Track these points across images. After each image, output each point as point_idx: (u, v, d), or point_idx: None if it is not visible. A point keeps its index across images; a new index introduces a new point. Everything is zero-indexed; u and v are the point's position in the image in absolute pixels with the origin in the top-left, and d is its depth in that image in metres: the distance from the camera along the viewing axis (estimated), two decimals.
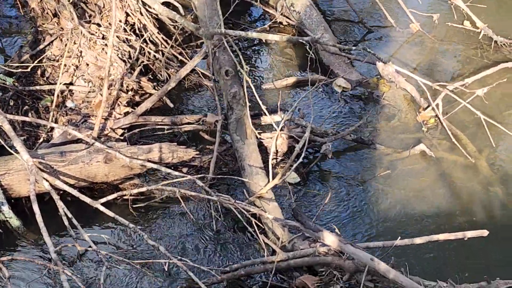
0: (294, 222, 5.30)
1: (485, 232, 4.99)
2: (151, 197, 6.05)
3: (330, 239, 5.01)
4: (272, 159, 5.96)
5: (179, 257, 5.26)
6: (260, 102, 6.30)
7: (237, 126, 6.26)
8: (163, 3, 7.23)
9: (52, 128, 6.46)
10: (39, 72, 7.10)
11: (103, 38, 7.09)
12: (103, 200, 5.59)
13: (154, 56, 7.48)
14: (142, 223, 5.91)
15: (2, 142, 5.79)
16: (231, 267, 5.36)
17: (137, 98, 7.16)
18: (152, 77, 7.47)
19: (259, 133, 6.45)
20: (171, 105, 7.22)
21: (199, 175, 5.91)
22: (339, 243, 4.97)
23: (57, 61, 7.06)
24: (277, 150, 6.54)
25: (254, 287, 5.27)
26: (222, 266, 5.50)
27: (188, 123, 6.85)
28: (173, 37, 7.63)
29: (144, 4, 7.40)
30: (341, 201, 6.31)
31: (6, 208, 5.68)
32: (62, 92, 6.87)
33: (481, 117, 6.95)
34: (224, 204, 5.68)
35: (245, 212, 5.49)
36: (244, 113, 6.29)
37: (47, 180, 5.61)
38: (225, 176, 6.27)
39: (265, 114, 6.46)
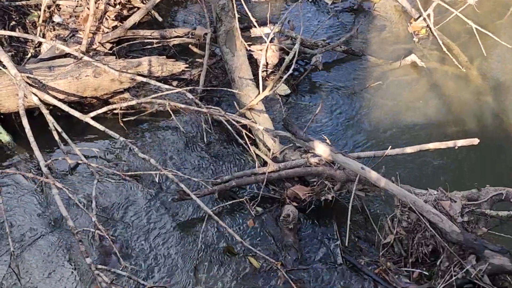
0: (285, 132, 5.29)
1: (475, 141, 5.01)
2: (141, 111, 5.99)
3: (321, 149, 5.02)
4: (262, 71, 5.91)
5: (170, 169, 5.26)
6: (250, 14, 6.25)
7: (226, 38, 6.20)
8: None
9: (40, 43, 6.39)
10: None
11: None
12: (93, 113, 5.53)
13: None
14: (133, 137, 5.89)
15: None
16: (223, 179, 5.38)
17: (125, 12, 7.09)
18: None
19: (249, 45, 6.41)
20: (160, 19, 7.17)
21: (189, 87, 5.87)
22: (330, 152, 4.98)
23: None
24: (267, 62, 6.50)
25: (246, 197, 5.27)
26: (213, 177, 5.51)
27: (177, 37, 6.78)
28: None
29: None
30: (332, 112, 6.32)
31: None
32: (49, 6, 6.76)
33: (472, 27, 6.91)
34: (215, 116, 5.67)
35: (236, 124, 5.48)
36: (234, 25, 6.21)
37: (36, 95, 5.56)
38: (215, 88, 6.23)
39: (255, 26, 6.40)
